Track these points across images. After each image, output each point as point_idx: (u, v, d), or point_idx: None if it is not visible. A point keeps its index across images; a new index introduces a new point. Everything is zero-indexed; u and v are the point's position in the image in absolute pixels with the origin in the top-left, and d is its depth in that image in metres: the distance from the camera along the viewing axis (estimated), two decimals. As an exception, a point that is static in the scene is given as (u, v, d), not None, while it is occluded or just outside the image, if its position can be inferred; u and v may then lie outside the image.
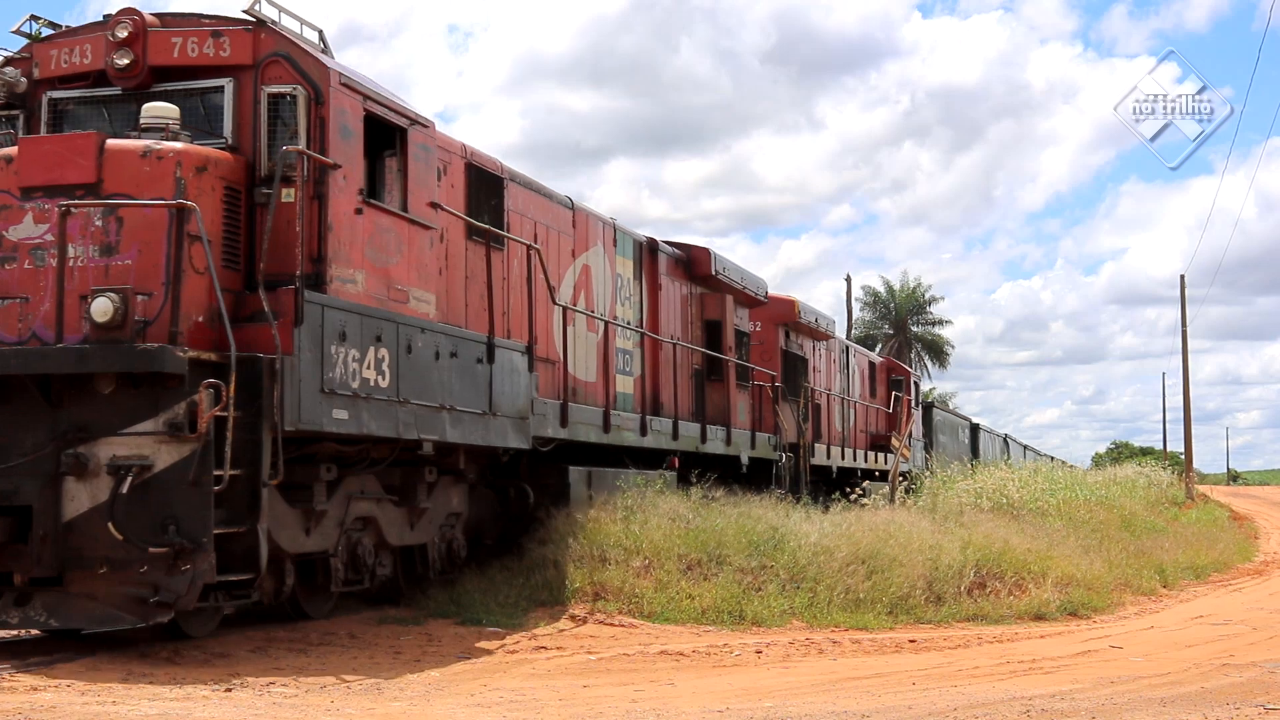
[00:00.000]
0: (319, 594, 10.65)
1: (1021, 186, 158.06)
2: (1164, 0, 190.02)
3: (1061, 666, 9.71)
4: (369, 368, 9.55)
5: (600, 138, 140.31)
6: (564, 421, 13.43)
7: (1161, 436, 74.18)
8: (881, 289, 70.69)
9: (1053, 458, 56.83)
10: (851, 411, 28.38)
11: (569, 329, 13.97)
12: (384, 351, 9.79)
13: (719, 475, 16.45)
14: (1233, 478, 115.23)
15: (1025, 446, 59.02)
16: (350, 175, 9.63)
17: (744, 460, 18.95)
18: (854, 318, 60.24)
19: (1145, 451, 76.73)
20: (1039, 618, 13.30)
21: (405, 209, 10.46)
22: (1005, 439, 53.70)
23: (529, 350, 12.45)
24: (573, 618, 11.38)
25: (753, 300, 20.56)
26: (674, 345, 17.44)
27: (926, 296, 70.32)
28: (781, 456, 21.05)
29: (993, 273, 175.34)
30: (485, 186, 12.48)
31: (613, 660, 9.67)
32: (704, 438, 17.57)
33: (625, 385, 15.83)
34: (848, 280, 56.88)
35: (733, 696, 8.01)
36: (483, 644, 10.11)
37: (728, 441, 18.51)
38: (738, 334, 19.84)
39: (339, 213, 9.48)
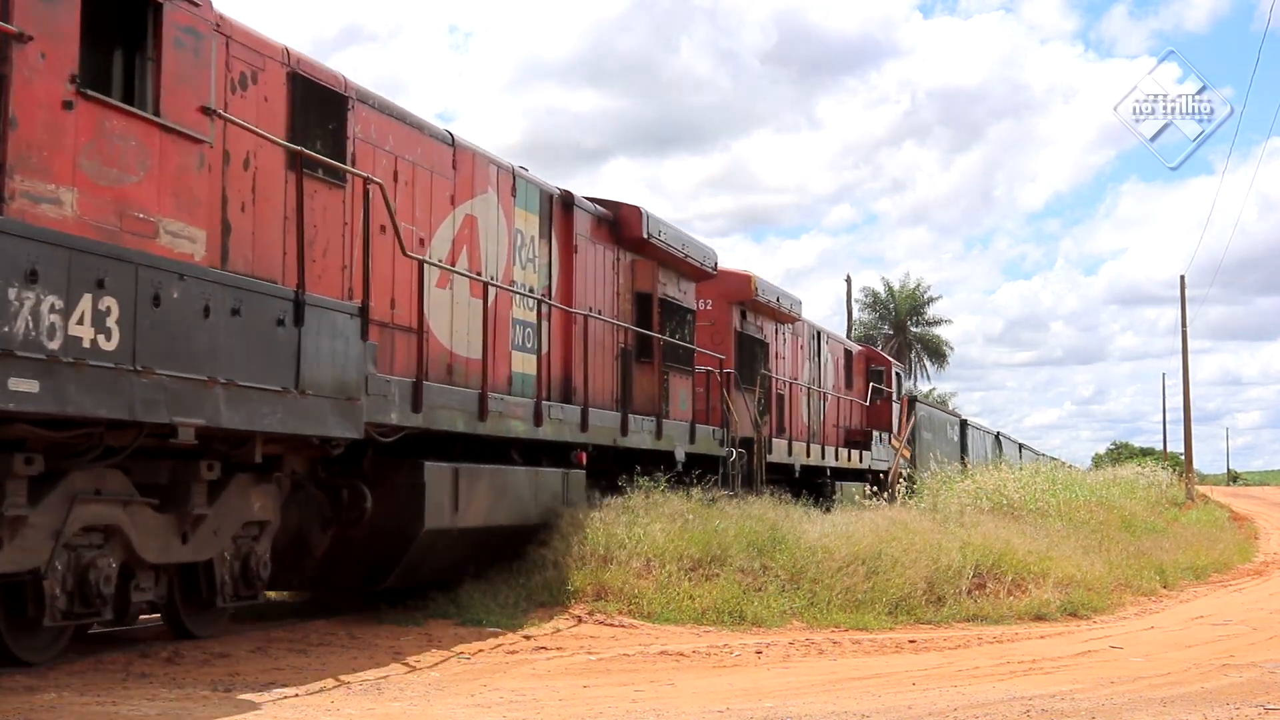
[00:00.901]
0: (25, 633, 8.00)
1: (1021, 186, 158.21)
2: (1163, 1, 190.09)
3: (1061, 667, 9.70)
4: (82, 322, 6.98)
5: (600, 138, 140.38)
6: (417, 405, 10.70)
7: (1162, 437, 74.32)
8: (881, 289, 70.76)
9: (1049, 457, 56.49)
10: (822, 404, 25.93)
11: (437, 292, 11.56)
12: (109, 301, 7.17)
13: (653, 474, 14.70)
14: (1233, 478, 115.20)
15: (1020, 445, 56.59)
16: (54, 54, 7.07)
17: (679, 456, 16.50)
18: (854, 318, 60.18)
19: (1145, 452, 76.69)
20: (1039, 618, 13.30)
21: (157, 112, 7.89)
22: (998, 437, 51.31)
23: (362, 312, 9.78)
24: (573, 618, 11.38)
25: (698, 272, 18.15)
26: (591, 318, 14.76)
27: (926, 297, 70.39)
28: (732, 453, 18.63)
29: (993, 273, 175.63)
30: (319, 105, 10.12)
31: (613, 660, 9.66)
32: (625, 429, 14.92)
33: (525, 364, 13.40)
34: (848, 281, 56.84)
35: (733, 697, 8.01)
36: (483, 644, 10.11)
37: (657, 434, 15.92)
38: (678, 310, 17.57)
39: (30, 102, 6.93)
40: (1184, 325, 49.53)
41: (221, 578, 9.31)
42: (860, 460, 27.01)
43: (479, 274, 12.46)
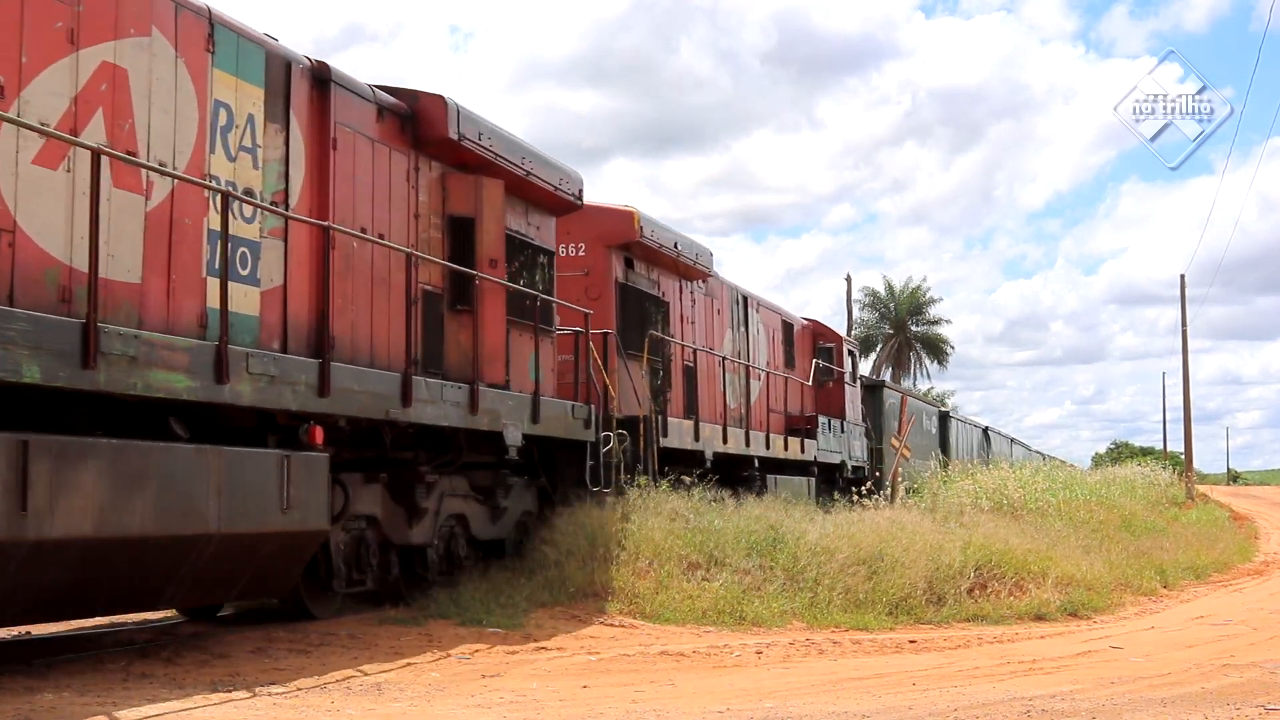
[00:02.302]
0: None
1: (1022, 186, 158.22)
2: (1163, 1, 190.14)
3: (1062, 667, 9.70)
4: None
5: (600, 138, 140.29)
6: None
7: (1162, 436, 74.32)
8: (882, 289, 70.73)
9: (1043, 454, 55.70)
10: (751, 383, 21.05)
11: (35, 173, 7.63)
12: None
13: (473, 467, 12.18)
14: (1233, 478, 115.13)
15: (1012, 440, 53.22)
16: None
17: (511, 439, 12.24)
18: (854, 318, 60.18)
19: (1145, 451, 76.74)
20: (1039, 618, 13.30)
21: None
22: (986, 431, 46.86)
23: None
24: (573, 618, 11.38)
25: (554, 200, 13.85)
26: (365, 243, 10.67)
27: (926, 296, 70.37)
28: (608, 438, 14.63)
29: (993, 273, 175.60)
30: None
31: (613, 661, 9.66)
32: (408, 396, 10.59)
33: (240, 300, 9.21)
34: (848, 280, 56.69)
35: (733, 697, 8.01)
36: (483, 644, 10.11)
37: (472, 406, 11.54)
38: (526, 247, 13.32)
39: None
40: (1184, 325, 49.55)
41: None
42: (802, 450, 22.45)
43: (133, 154, 8.34)
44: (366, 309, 10.68)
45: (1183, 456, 53.33)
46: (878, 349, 68.82)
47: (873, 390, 29.90)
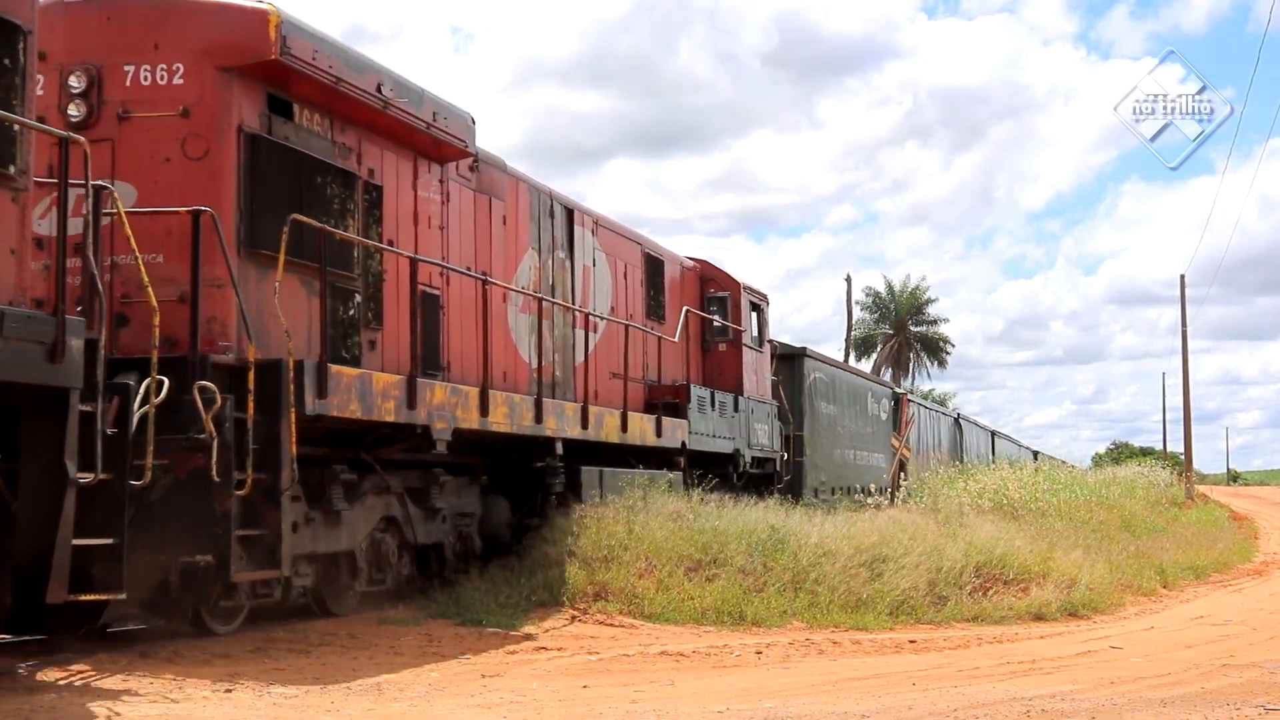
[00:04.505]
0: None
1: (1023, 187, 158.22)
2: (1163, 2, 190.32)
3: (1062, 667, 9.70)
4: None
5: (601, 138, 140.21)
6: None
7: (1161, 436, 74.33)
8: (882, 289, 70.72)
9: (1031, 449, 54.87)
10: (578, 334, 14.89)
11: None
12: None
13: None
14: (1233, 478, 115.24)
15: (994, 433, 48.26)
16: None
17: None
18: (854, 318, 60.21)
19: (1145, 451, 76.76)
20: (1039, 618, 13.31)
21: None
22: (958, 420, 40.77)
23: None
24: (573, 618, 11.38)
25: None
26: None
27: (926, 297, 70.37)
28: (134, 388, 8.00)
29: (993, 273, 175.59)
30: None
31: (613, 661, 9.66)
32: None
33: None
34: (848, 280, 56.82)
35: (733, 697, 8.01)
36: (483, 644, 10.11)
37: None
38: None
39: None
40: (1184, 325, 49.52)
41: None
42: (658, 433, 15.84)
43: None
44: None
45: (1183, 456, 53.34)
46: (878, 349, 68.88)
47: (790, 360, 22.71)
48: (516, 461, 13.54)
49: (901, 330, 69.14)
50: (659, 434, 15.95)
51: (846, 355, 54.91)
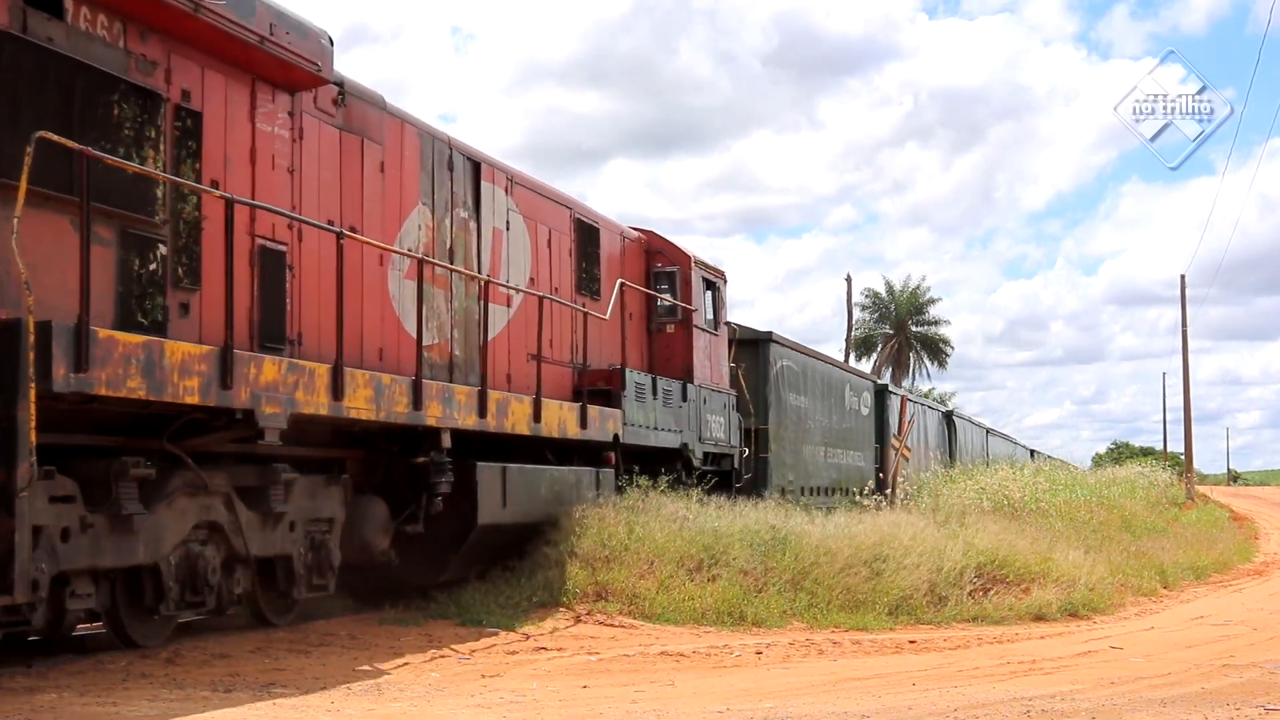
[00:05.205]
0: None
1: (1023, 187, 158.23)
2: (1163, 3, 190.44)
3: (1062, 667, 9.70)
4: None
5: (601, 139, 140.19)
6: None
7: (1162, 437, 74.27)
8: (882, 290, 70.72)
9: (1029, 448, 54.63)
10: (487, 308, 12.55)
11: None
12: None
13: None
14: (1233, 478, 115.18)
15: (988, 430, 46.62)
16: None
17: None
18: (854, 319, 60.21)
19: (1146, 452, 76.70)
20: (1039, 618, 13.30)
21: None
22: (949, 416, 38.77)
23: None
24: (573, 618, 11.38)
25: None
26: None
27: (926, 297, 70.37)
28: None
29: (993, 273, 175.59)
30: None
31: (613, 661, 9.66)
32: None
33: None
34: (848, 281, 56.77)
35: (733, 697, 8.01)
36: (483, 644, 10.11)
37: None
38: None
39: None
40: (1184, 325, 49.52)
41: None
42: (582, 425, 13.77)
43: None
44: None
45: (1183, 457, 53.33)
46: (878, 349, 68.89)
47: (753, 346, 20.64)
48: (396, 457, 11.33)
49: (901, 331, 69.14)
50: (583, 425, 13.80)
51: (846, 355, 54.87)
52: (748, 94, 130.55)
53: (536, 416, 12.78)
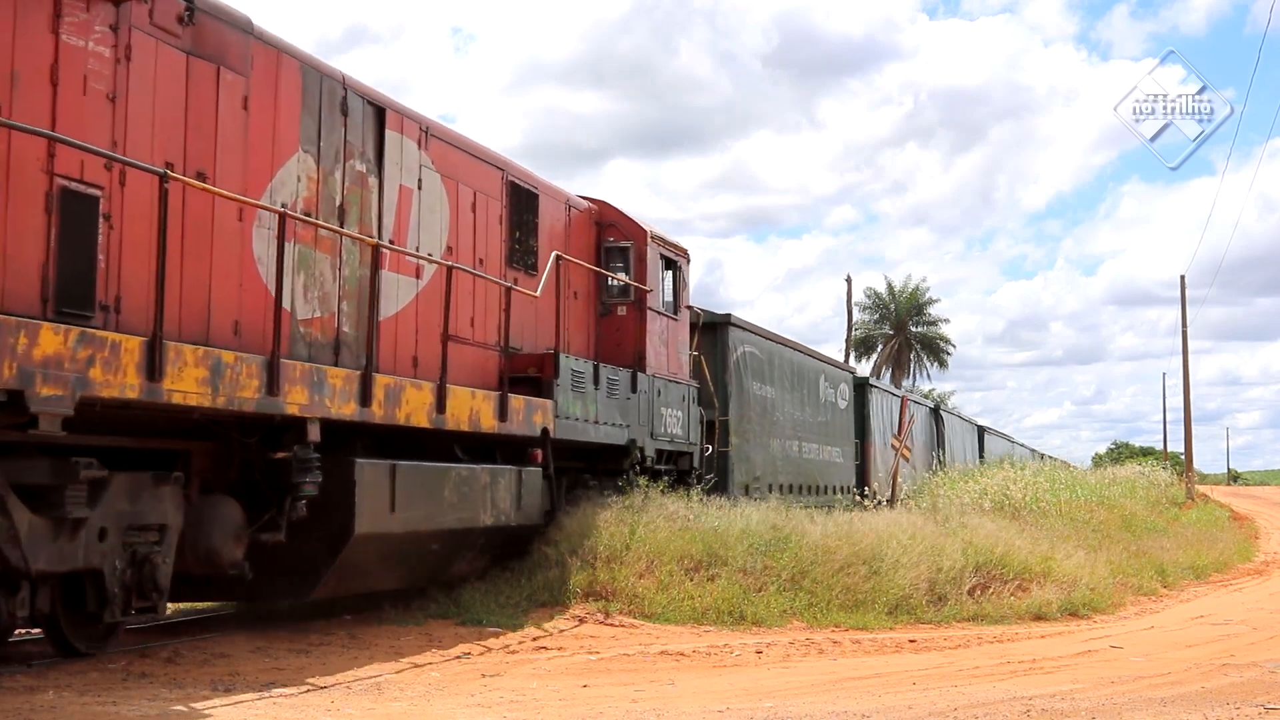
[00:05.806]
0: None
1: (1023, 187, 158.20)
2: (1163, 3, 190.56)
3: (1062, 666, 9.70)
4: None
5: (601, 139, 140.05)
6: None
7: (1162, 437, 74.16)
8: (882, 290, 70.71)
9: (1026, 446, 54.17)
10: (389, 279, 10.90)
11: None
12: None
13: None
14: (1233, 478, 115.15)
15: (983, 428, 45.62)
16: None
17: None
18: (854, 319, 60.21)
19: (1146, 452, 76.70)
20: (1039, 618, 13.31)
21: None
22: (937, 410, 37.37)
23: None
24: (573, 618, 11.38)
25: None
26: None
27: (926, 297, 70.37)
28: None
29: (993, 273, 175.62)
30: None
31: (613, 660, 9.67)
32: None
33: None
34: (848, 281, 56.72)
35: (733, 696, 8.01)
36: (483, 644, 10.11)
37: None
38: None
39: None
40: (1184, 325, 49.46)
41: None
42: (501, 417, 11.85)
43: None
44: None
45: (1183, 457, 53.32)
46: (878, 350, 68.89)
47: (712, 330, 18.77)
48: (255, 450, 9.31)
49: (902, 331, 69.12)
50: (503, 417, 11.83)
51: (847, 356, 54.86)
52: (748, 94, 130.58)
53: (440, 406, 10.76)
